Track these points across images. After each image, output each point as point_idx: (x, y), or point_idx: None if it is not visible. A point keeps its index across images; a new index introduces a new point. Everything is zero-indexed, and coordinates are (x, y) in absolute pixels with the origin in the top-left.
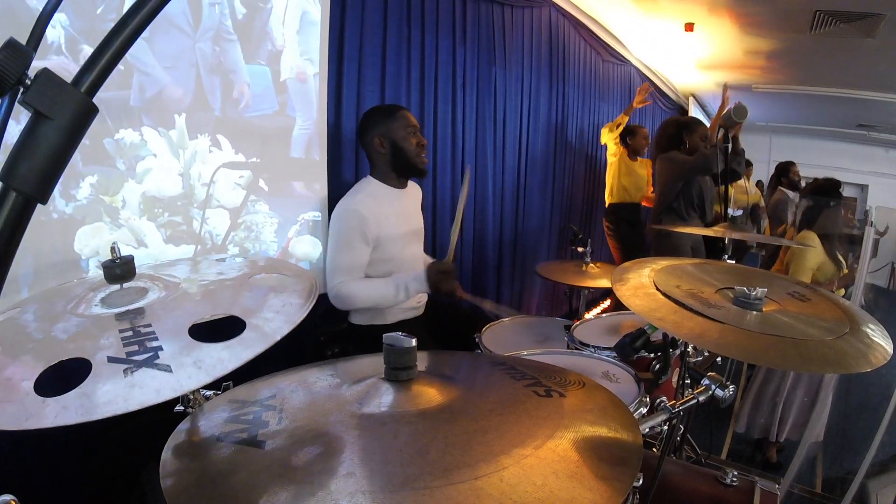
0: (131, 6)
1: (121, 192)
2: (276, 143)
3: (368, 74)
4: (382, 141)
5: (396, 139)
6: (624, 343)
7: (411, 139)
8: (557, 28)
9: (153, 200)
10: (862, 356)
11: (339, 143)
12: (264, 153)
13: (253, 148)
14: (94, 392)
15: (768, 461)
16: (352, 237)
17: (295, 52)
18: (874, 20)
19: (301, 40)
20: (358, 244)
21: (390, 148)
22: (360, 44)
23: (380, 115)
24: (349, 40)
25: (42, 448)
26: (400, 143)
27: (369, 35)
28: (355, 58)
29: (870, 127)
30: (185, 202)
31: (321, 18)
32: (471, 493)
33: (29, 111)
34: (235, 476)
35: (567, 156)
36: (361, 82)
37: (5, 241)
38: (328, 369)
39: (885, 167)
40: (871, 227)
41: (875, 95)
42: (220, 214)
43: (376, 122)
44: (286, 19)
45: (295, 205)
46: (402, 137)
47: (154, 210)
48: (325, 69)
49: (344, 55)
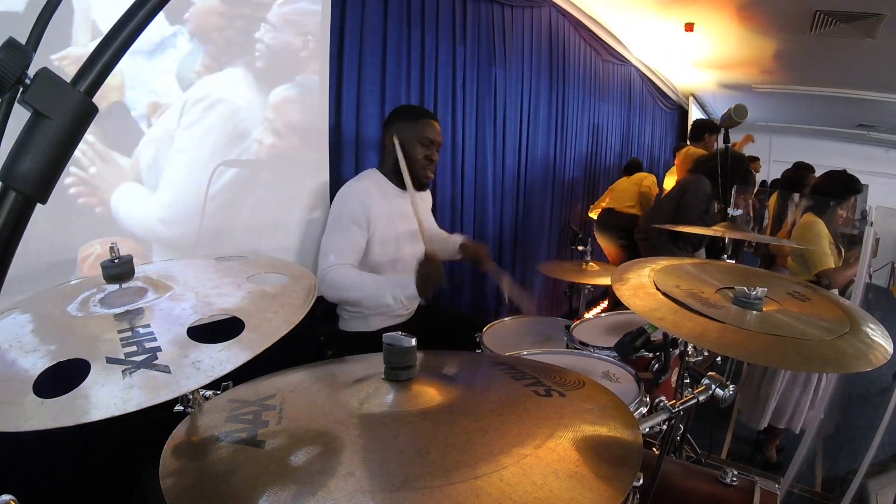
0: (131, 6)
1: (119, 188)
2: (275, 143)
3: (368, 74)
4: (394, 140)
5: (407, 144)
6: (624, 342)
7: (422, 150)
8: (557, 28)
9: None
10: (862, 356)
11: (339, 143)
12: (264, 152)
13: (252, 147)
14: (92, 393)
15: (768, 461)
16: (345, 218)
17: (295, 51)
18: (874, 20)
19: (301, 40)
20: (351, 226)
21: (399, 150)
22: (360, 44)
23: (403, 115)
24: (349, 40)
25: (42, 448)
26: (409, 149)
27: (369, 35)
28: (355, 58)
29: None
30: (183, 200)
31: (321, 18)
32: (471, 493)
33: (28, 111)
34: (235, 476)
35: (567, 156)
36: (361, 82)
37: (5, 241)
38: (328, 369)
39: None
40: (870, 226)
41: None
42: (220, 214)
43: (398, 119)
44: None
45: (295, 204)
46: (413, 145)
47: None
48: (325, 69)
49: (344, 55)
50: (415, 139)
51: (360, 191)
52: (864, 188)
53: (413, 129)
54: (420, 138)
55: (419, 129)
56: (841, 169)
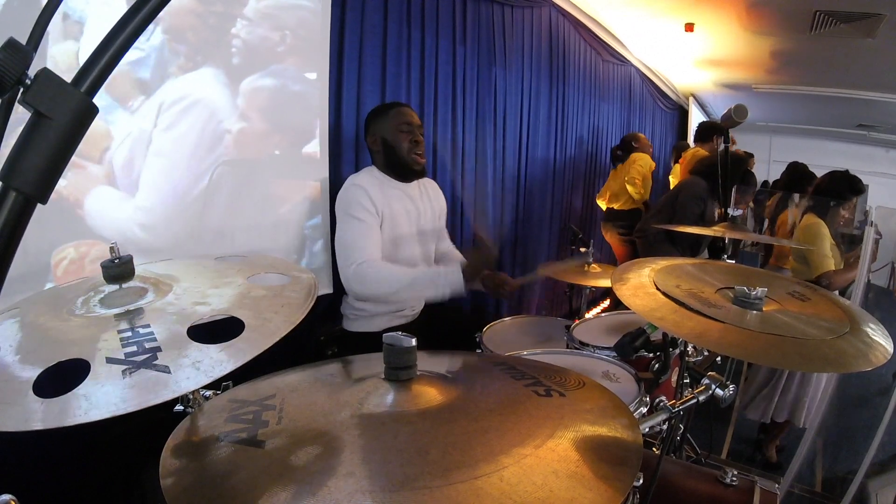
0: (131, 6)
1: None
2: (275, 143)
3: (368, 74)
4: (376, 139)
5: (388, 137)
6: (624, 342)
7: (404, 137)
8: (557, 28)
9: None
10: (862, 355)
11: (339, 143)
12: (263, 152)
13: (252, 147)
14: (92, 393)
15: (768, 461)
16: (353, 208)
17: (295, 51)
18: (874, 20)
19: (300, 40)
20: (364, 214)
21: (382, 146)
22: (360, 44)
23: (375, 114)
24: (349, 40)
25: (42, 448)
26: (391, 141)
27: (369, 35)
28: (355, 58)
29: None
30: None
31: (321, 18)
32: (471, 493)
33: (29, 111)
34: (235, 476)
35: (567, 156)
36: (361, 82)
37: (5, 241)
38: (328, 369)
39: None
40: (871, 226)
41: (875, 95)
42: (219, 214)
43: (372, 120)
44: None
45: (294, 204)
46: (394, 135)
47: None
48: (325, 69)
49: (344, 55)
50: (394, 129)
51: (367, 182)
52: (865, 188)
53: (388, 123)
54: (398, 125)
55: (394, 120)
56: (843, 169)
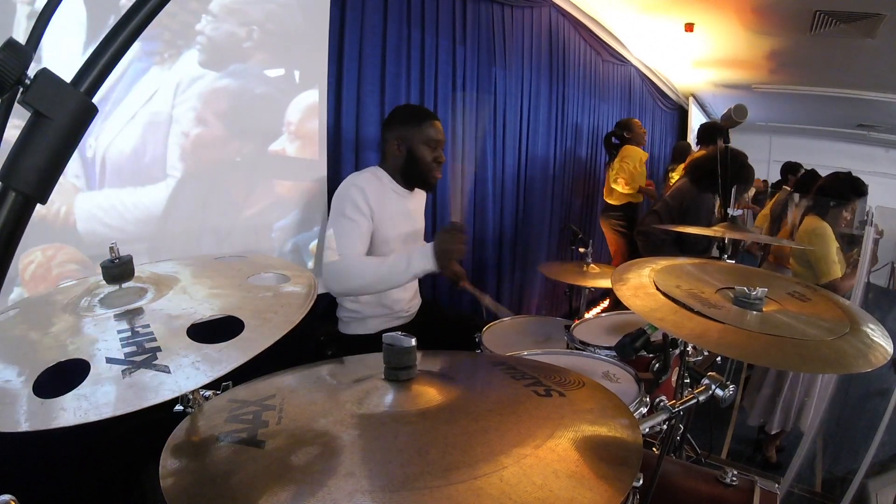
0: (131, 6)
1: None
2: (275, 143)
3: (368, 74)
4: (400, 144)
5: (413, 148)
6: (624, 343)
7: (429, 152)
8: (557, 28)
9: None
10: (862, 356)
11: (339, 143)
12: (263, 152)
13: (252, 147)
14: (92, 393)
15: (768, 461)
16: (347, 207)
17: (294, 51)
18: (874, 20)
19: (299, 40)
20: (355, 214)
21: (406, 154)
22: (360, 44)
23: (407, 118)
24: (349, 40)
25: (42, 448)
26: (416, 153)
27: (369, 35)
28: (355, 58)
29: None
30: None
31: (321, 18)
32: (471, 493)
33: (29, 111)
34: (235, 476)
35: (567, 156)
36: (361, 82)
37: (5, 242)
38: (327, 369)
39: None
40: (871, 226)
41: (875, 95)
42: (219, 214)
43: (402, 123)
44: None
45: (294, 205)
46: (421, 148)
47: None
48: (325, 69)
49: (344, 55)
50: (421, 142)
51: (364, 182)
52: (868, 190)
53: (419, 133)
54: (426, 140)
55: (424, 132)
56: (846, 171)
